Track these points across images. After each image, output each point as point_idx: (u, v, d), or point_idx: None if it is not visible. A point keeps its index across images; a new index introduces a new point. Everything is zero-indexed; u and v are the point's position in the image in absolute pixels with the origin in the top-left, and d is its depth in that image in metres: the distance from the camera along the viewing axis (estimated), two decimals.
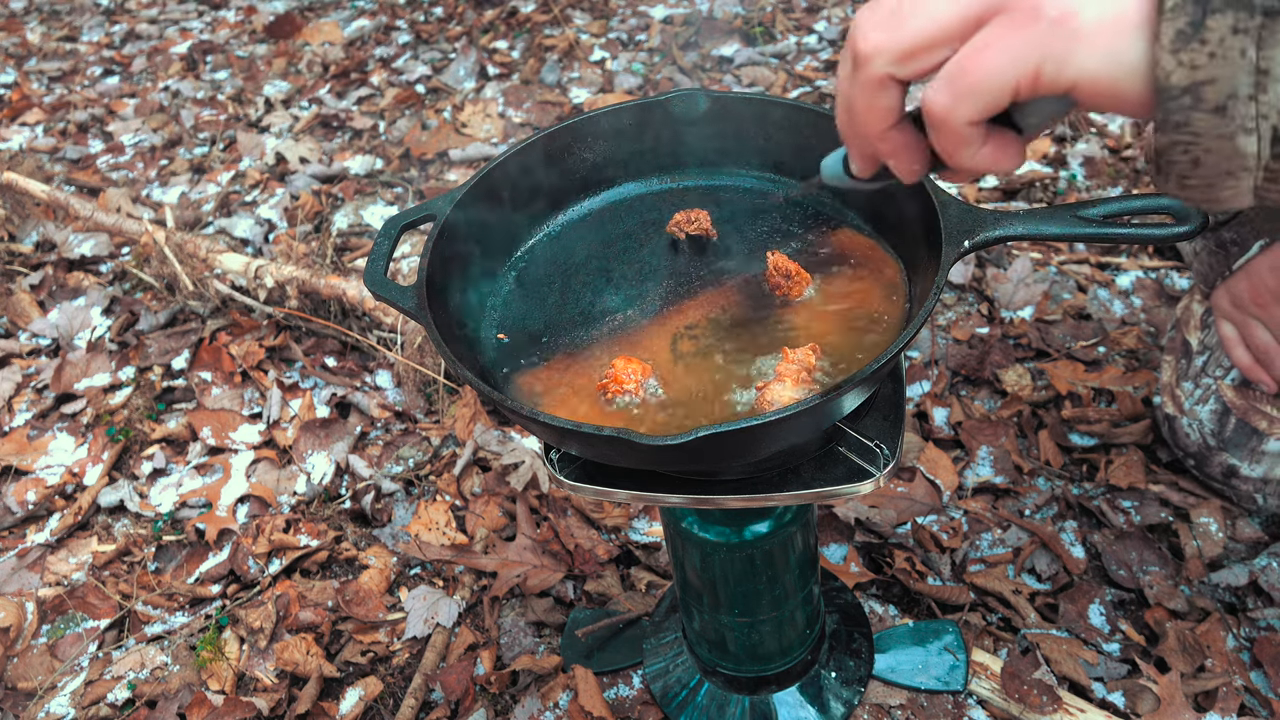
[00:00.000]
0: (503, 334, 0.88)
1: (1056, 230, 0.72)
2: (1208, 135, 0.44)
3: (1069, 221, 0.71)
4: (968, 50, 0.49)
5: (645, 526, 1.48)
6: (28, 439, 1.81)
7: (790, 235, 0.91)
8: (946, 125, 0.51)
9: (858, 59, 0.53)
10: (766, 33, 2.82)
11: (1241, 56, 0.42)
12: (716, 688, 1.17)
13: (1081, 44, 0.46)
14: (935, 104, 0.51)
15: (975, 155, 0.53)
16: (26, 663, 1.43)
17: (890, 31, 0.51)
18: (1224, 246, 1.21)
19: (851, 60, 0.54)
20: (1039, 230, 0.72)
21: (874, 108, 0.54)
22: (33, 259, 2.29)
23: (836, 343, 0.79)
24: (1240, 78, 0.42)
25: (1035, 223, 0.72)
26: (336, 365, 1.87)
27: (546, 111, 2.61)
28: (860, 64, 0.53)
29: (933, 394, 1.60)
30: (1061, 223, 0.72)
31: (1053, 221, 0.72)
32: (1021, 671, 1.19)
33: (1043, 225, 0.72)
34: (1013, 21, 0.47)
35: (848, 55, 0.54)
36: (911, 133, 0.56)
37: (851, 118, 0.56)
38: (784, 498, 0.78)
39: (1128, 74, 0.45)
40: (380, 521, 1.57)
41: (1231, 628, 1.24)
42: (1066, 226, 0.71)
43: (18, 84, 3.17)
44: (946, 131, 0.51)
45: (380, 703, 1.32)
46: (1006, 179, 2.07)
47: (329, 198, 2.38)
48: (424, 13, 3.27)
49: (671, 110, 0.95)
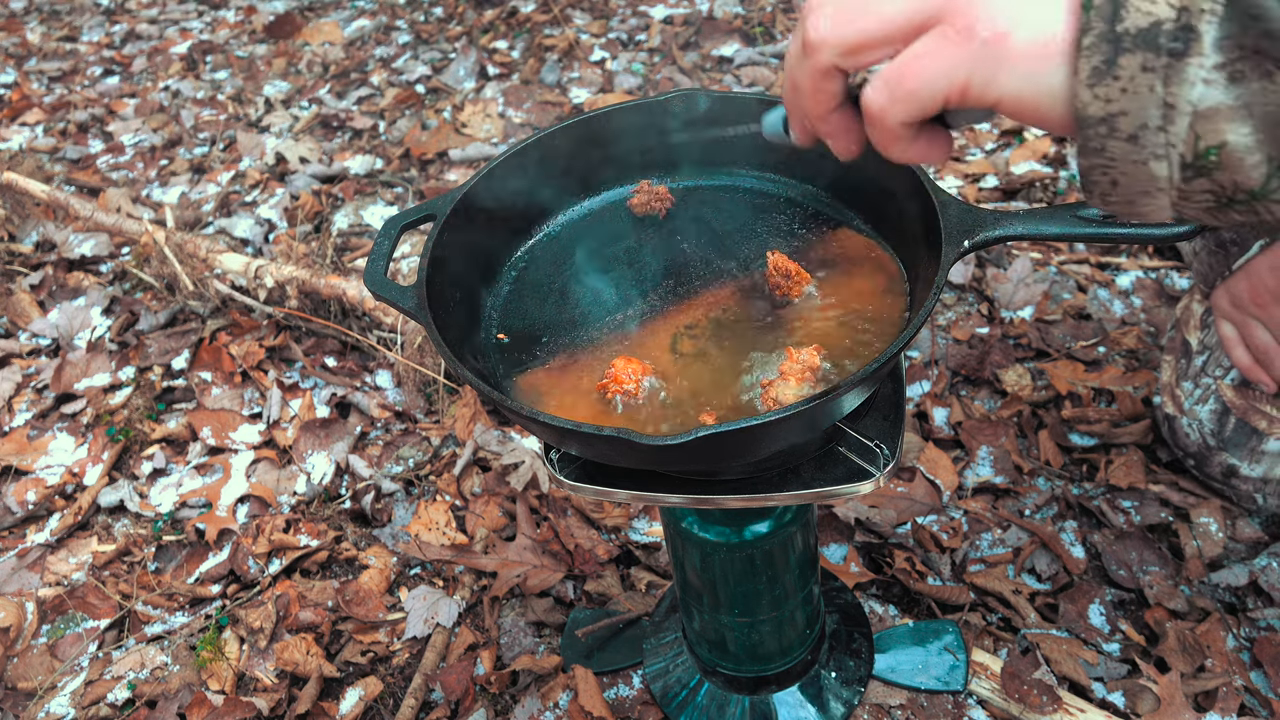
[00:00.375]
0: (503, 334, 0.88)
1: (1056, 230, 0.72)
2: (1123, 160, 0.48)
3: (1069, 221, 0.71)
4: (906, 57, 0.52)
5: (645, 526, 1.48)
6: (28, 439, 1.81)
7: (790, 235, 0.91)
8: (882, 123, 0.55)
9: (807, 46, 0.56)
10: (766, 33, 2.82)
11: (1150, 92, 0.45)
12: (716, 688, 1.17)
13: (1007, 66, 0.49)
14: (873, 103, 0.54)
15: (906, 150, 0.57)
16: (26, 663, 1.43)
17: (840, 25, 0.54)
18: (1224, 246, 1.21)
19: (801, 45, 0.56)
20: (1039, 230, 0.72)
21: (818, 92, 0.58)
22: (33, 259, 2.29)
23: (836, 342, 0.79)
24: (1150, 111, 0.46)
25: (1035, 223, 0.72)
26: (336, 365, 1.87)
27: (546, 111, 2.61)
28: (809, 51, 0.56)
29: (933, 394, 1.60)
30: (1061, 223, 0.72)
31: (1053, 221, 0.72)
32: (1021, 671, 1.19)
33: (1043, 225, 0.72)
34: (949, 35, 0.50)
35: (798, 38, 0.57)
36: (850, 117, 0.59)
37: (797, 97, 0.60)
38: (784, 498, 0.78)
39: (1049, 98, 0.49)
40: (380, 521, 1.57)
41: (1231, 628, 1.24)
42: (1066, 226, 0.71)
43: (18, 84, 3.17)
44: (881, 128, 0.55)
45: (380, 703, 1.32)
46: (1006, 179, 2.07)
47: (329, 198, 2.38)
48: (424, 13, 3.27)
49: (671, 110, 0.95)
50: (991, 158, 2.16)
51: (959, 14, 0.50)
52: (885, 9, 0.53)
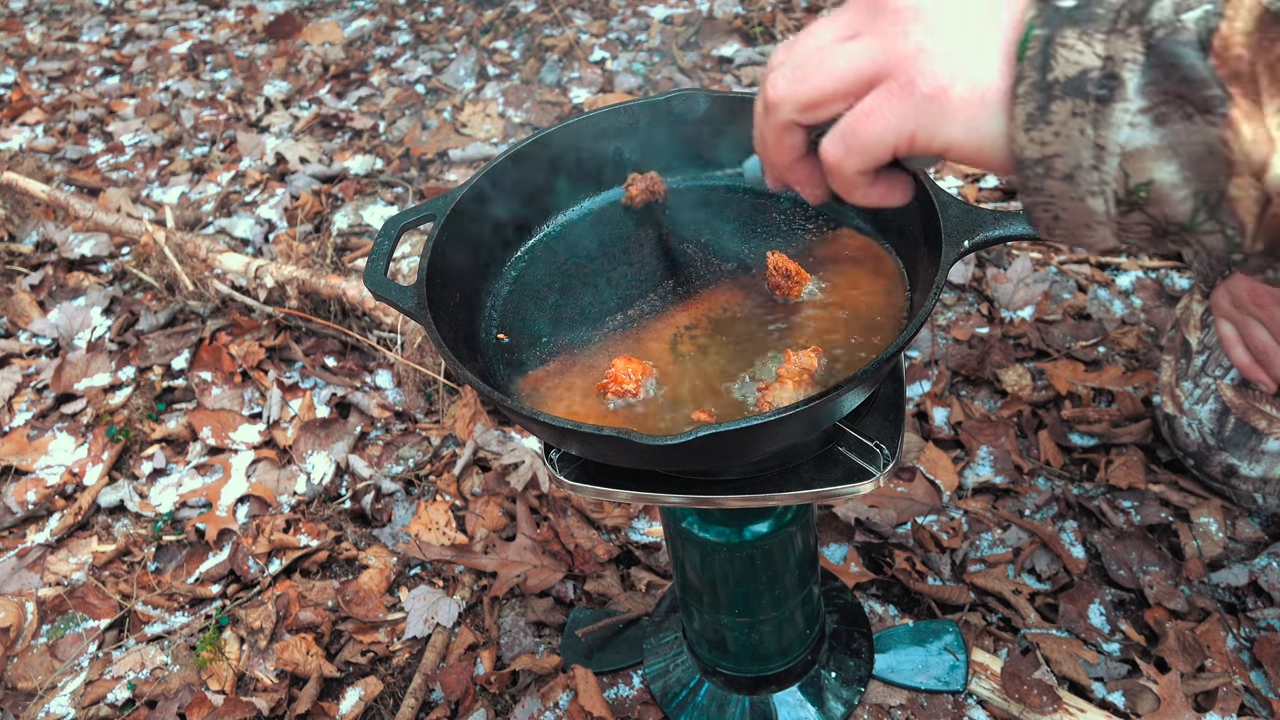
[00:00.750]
0: (503, 334, 0.88)
1: None
2: (1062, 197, 0.52)
3: None
4: (856, 113, 0.56)
5: (645, 526, 1.48)
6: (28, 439, 1.81)
7: (790, 235, 0.91)
8: (840, 173, 0.59)
9: (768, 104, 0.60)
10: (766, 33, 2.82)
11: (1081, 135, 0.49)
12: (716, 688, 1.17)
13: (949, 117, 0.53)
14: (829, 155, 0.58)
15: (867, 195, 0.61)
16: (26, 663, 1.43)
17: (795, 84, 0.58)
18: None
19: (763, 103, 0.61)
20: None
21: (781, 145, 0.62)
22: (33, 259, 2.29)
23: (836, 342, 0.79)
24: (1082, 152, 0.49)
25: None
26: (336, 365, 1.87)
27: (546, 111, 2.61)
28: (769, 108, 0.60)
29: (933, 394, 1.60)
30: None
31: None
32: (1021, 671, 1.19)
33: None
34: (893, 92, 0.54)
35: (761, 98, 0.61)
36: (814, 166, 0.63)
37: (764, 149, 0.64)
38: (784, 498, 0.78)
39: (990, 144, 0.52)
40: (380, 521, 1.57)
41: (1231, 628, 1.24)
42: None
43: (18, 84, 3.17)
44: (840, 178, 0.59)
45: (380, 703, 1.32)
46: (1007, 179, 2.07)
47: (329, 198, 2.38)
48: (424, 13, 3.27)
49: (671, 110, 0.95)
50: None
51: (902, 71, 0.53)
52: (836, 66, 0.56)
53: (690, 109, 0.95)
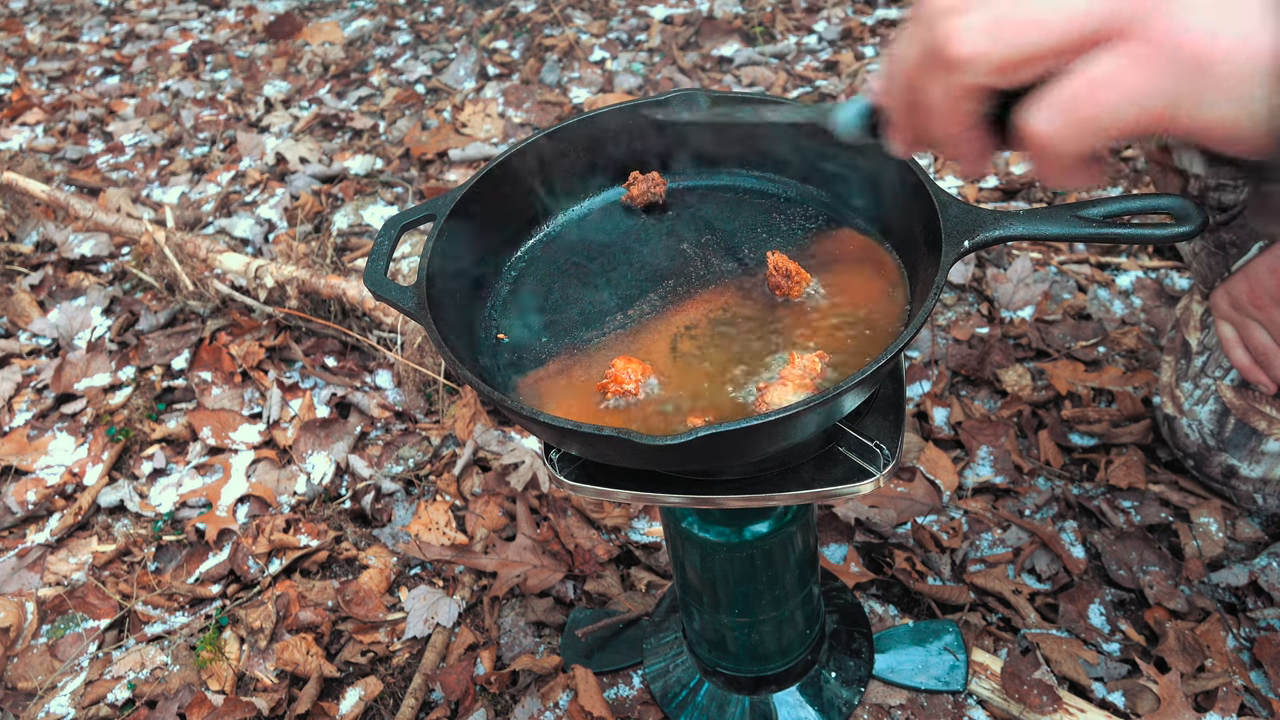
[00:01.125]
0: (503, 334, 0.88)
1: (1056, 230, 0.72)
2: None
3: (1069, 221, 0.71)
4: (1087, 82, 0.44)
5: (645, 526, 1.48)
6: (28, 439, 1.81)
7: (790, 235, 0.92)
8: (1053, 154, 0.48)
9: (951, 63, 0.48)
10: (766, 33, 2.82)
11: None
12: (716, 688, 1.17)
13: (1213, 89, 0.42)
14: (1045, 133, 0.47)
15: (1075, 177, 0.51)
16: (26, 663, 1.43)
17: (994, 38, 0.46)
18: (1223, 248, 1.21)
19: (936, 58, 0.49)
20: (1039, 230, 0.72)
21: (955, 112, 0.50)
22: (33, 259, 2.29)
23: (836, 342, 0.79)
24: None
25: (1035, 223, 0.72)
26: (336, 365, 1.87)
27: (546, 111, 2.61)
28: (953, 68, 0.48)
29: (933, 394, 1.60)
30: (1061, 223, 0.72)
31: (1053, 221, 0.72)
32: (1021, 671, 1.19)
33: (1043, 225, 0.72)
34: (1142, 55, 0.43)
35: (928, 48, 0.49)
36: (986, 135, 0.53)
37: (926, 117, 0.52)
38: (784, 498, 0.78)
39: (1253, 122, 0.43)
40: (380, 521, 1.57)
41: (1231, 628, 1.24)
42: (1066, 226, 0.71)
43: (18, 84, 3.17)
44: (1051, 159, 0.48)
45: (380, 703, 1.32)
46: (1006, 179, 2.07)
47: (329, 198, 2.38)
48: (424, 13, 3.27)
49: (671, 110, 0.95)
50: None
51: (1148, 24, 0.42)
52: (1050, 17, 0.44)
53: (690, 109, 0.95)
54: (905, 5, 2.84)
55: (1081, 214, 0.71)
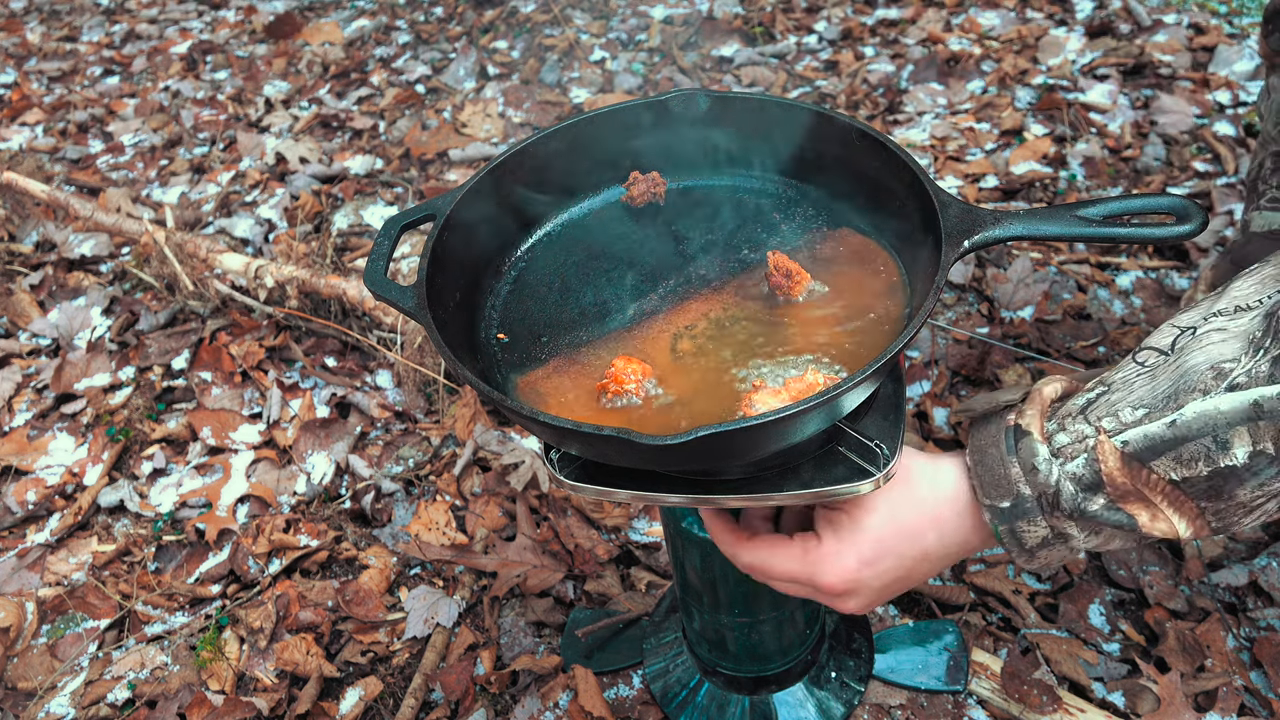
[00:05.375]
0: (503, 334, 0.88)
1: (1056, 230, 0.72)
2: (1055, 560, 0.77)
3: (1069, 221, 0.71)
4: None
5: (645, 526, 1.48)
6: (28, 439, 1.81)
7: (790, 235, 0.91)
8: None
9: (836, 602, 0.81)
10: (766, 33, 2.82)
11: (1058, 550, 0.74)
12: (716, 688, 1.17)
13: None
14: (848, 610, 0.83)
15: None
16: (26, 663, 1.43)
17: (867, 607, 0.82)
18: (1238, 265, 1.23)
19: (822, 592, 0.80)
20: (1039, 230, 0.72)
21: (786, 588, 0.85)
22: (33, 259, 2.29)
23: (836, 342, 0.79)
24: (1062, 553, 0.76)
25: (1035, 223, 0.72)
26: (336, 365, 1.87)
27: (546, 111, 2.61)
28: (834, 602, 0.81)
29: (933, 394, 1.60)
30: (1061, 223, 0.72)
31: (1053, 221, 0.72)
32: (1021, 671, 1.19)
33: (1043, 225, 0.72)
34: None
35: (813, 594, 0.82)
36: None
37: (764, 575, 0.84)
38: (784, 498, 0.78)
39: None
40: (380, 521, 1.57)
41: (1231, 628, 1.24)
42: (1066, 226, 0.71)
43: (18, 84, 3.17)
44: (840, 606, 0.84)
45: (380, 703, 1.32)
46: (1006, 179, 2.07)
47: (329, 198, 2.38)
48: (424, 13, 3.27)
49: (671, 110, 0.95)
50: (991, 158, 2.16)
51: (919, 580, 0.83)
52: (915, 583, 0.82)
53: (690, 109, 0.95)
54: (905, 5, 2.84)
55: (1081, 214, 0.71)
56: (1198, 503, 0.65)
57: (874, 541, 0.78)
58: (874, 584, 0.79)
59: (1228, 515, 0.66)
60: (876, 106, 2.40)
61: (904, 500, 0.78)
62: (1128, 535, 0.70)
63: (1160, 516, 0.67)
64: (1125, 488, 0.67)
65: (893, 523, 0.78)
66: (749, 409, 0.71)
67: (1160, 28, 2.50)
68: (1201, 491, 0.64)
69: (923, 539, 0.78)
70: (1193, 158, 2.06)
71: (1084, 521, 0.70)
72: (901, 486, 0.78)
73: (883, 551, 0.78)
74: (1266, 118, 1.26)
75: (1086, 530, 0.70)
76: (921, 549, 0.78)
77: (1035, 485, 0.70)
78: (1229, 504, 0.65)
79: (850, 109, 2.41)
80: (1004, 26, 2.66)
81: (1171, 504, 0.66)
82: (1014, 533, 0.72)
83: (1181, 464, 0.64)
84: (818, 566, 0.78)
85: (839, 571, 0.78)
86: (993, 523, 0.73)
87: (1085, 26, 2.58)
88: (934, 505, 0.77)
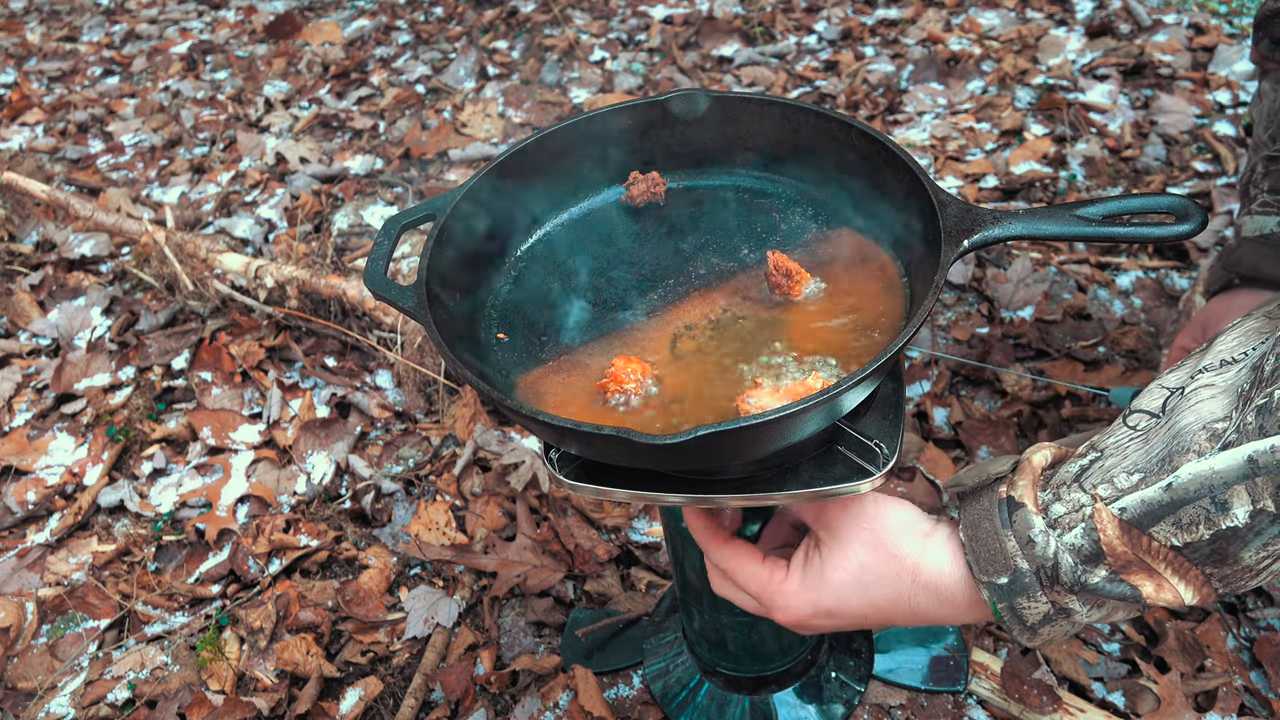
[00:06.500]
0: (503, 334, 0.88)
1: (1056, 230, 0.72)
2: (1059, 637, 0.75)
3: (1069, 221, 0.71)
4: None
5: (645, 526, 1.48)
6: (28, 439, 1.81)
7: (790, 235, 0.91)
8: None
9: (788, 621, 0.83)
10: (766, 33, 2.82)
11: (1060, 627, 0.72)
12: (716, 688, 1.17)
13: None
14: (789, 623, 0.84)
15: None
16: (26, 663, 1.43)
17: (820, 630, 0.84)
18: (1229, 269, 1.23)
19: (778, 615, 0.83)
20: (1039, 230, 0.72)
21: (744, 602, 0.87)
22: (33, 259, 2.29)
23: (836, 342, 0.79)
24: (1065, 629, 0.73)
25: (1035, 222, 0.72)
26: (336, 365, 1.87)
27: (546, 111, 2.61)
28: (789, 622, 0.83)
29: (933, 394, 1.60)
30: (1061, 222, 0.72)
31: (1052, 221, 0.72)
32: (1021, 671, 1.19)
33: (1042, 225, 0.72)
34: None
35: (774, 614, 0.83)
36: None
37: (727, 584, 0.87)
38: (783, 497, 0.78)
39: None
40: (380, 521, 1.57)
41: (1231, 628, 1.24)
42: (1066, 226, 0.71)
43: (18, 84, 3.17)
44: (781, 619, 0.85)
45: (380, 703, 1.32)
46: (1006, 179, 2.07)
47: (329, 198, 2.39)
48: (424, 13, 3.27)
49: (671, 110, 0.95)
50: (991, 157, 2.16)
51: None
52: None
53: (690, 109, 0.95)
54: (905, 5, 2.84)
55: (1081, 213, 0.71)
56: (1202, 569, 0.64)
57: (835, 598, 0.79)
58: (825, 626, 0.82)
59: (1234, 580, 0.65)
60: (876, 106, 2.40)
61: (878, 568, 0.78)
62: (1131, 607, 0.69)
63: (1165, 586, 0.66)
64: (1126, 557, 0.65)
65: (858, 585, 0.78)
66: (748, 408, 0.71)
67: (1160, 28, 2.51)
68: (1205, 557, 0.63)
69: (895, 606, 0.78)
70: (1193, 158, 2.06)
71: (1086, 595, 0.68)
72: (882, 554, 0.78)
73: (840, 607, 0.79)
74: (1258, 122, 1.26)
75: (1089, 604, 0.69)
76: (909, 608, 0.78)
77: (1033, 559, 0.69)
78: (1234, 568, 0.63)
79: (850, 109, 2.41)
80: (1004, 26, 2.66)
81: (1176, 572, 0.65)
82: (1014, 610, 0.71)
83: (1182, 529, 0.63)
84: (775, 599, 0.81)
85: (793, 611, 0.80)
86: (991, 600, 0.71)
87: (1085, 26, 2.58)
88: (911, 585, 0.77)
